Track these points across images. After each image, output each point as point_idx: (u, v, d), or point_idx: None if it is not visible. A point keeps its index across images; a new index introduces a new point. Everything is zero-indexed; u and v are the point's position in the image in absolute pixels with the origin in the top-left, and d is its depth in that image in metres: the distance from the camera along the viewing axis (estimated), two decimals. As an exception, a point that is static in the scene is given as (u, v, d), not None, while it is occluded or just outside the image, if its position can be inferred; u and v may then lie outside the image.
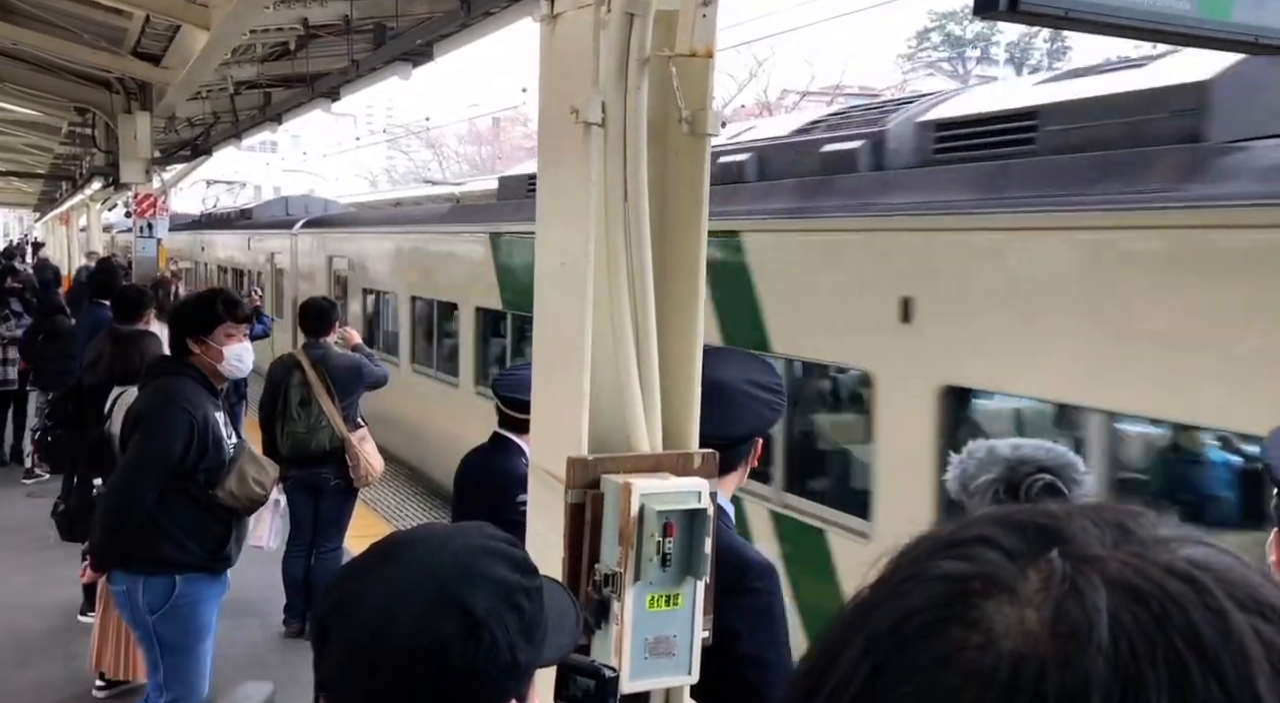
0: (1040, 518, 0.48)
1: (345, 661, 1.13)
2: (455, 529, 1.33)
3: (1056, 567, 0.45)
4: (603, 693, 1.60)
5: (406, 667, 1.11)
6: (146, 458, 3.78)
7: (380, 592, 1.15)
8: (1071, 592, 0.43)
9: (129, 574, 3.83)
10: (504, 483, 3.94)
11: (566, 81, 2.35)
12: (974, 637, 0.44)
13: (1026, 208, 4.10)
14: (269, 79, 11.43)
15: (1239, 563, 0.46)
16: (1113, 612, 0.42)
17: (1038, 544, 0.46)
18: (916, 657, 0.44)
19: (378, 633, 1.12)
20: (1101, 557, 0.45)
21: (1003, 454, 2.07)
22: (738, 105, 31.37)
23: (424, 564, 1.18)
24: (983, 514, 0.51)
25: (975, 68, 47.66)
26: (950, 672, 0.43)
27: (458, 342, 9.92)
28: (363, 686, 1.11)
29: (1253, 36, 2.73)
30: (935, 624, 0.45)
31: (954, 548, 0.48)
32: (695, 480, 2.18)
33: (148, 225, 12.86)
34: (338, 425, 6.07)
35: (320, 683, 1.15)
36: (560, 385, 2.33)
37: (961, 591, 0.45)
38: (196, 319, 3.96)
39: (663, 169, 2.35)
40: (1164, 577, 0.44)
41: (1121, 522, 0.48)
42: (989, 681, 0.42)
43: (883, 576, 0.50)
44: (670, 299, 2.34)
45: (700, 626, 2.16)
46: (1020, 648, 0.42)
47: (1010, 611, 0.44)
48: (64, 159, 21.32)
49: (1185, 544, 0.46)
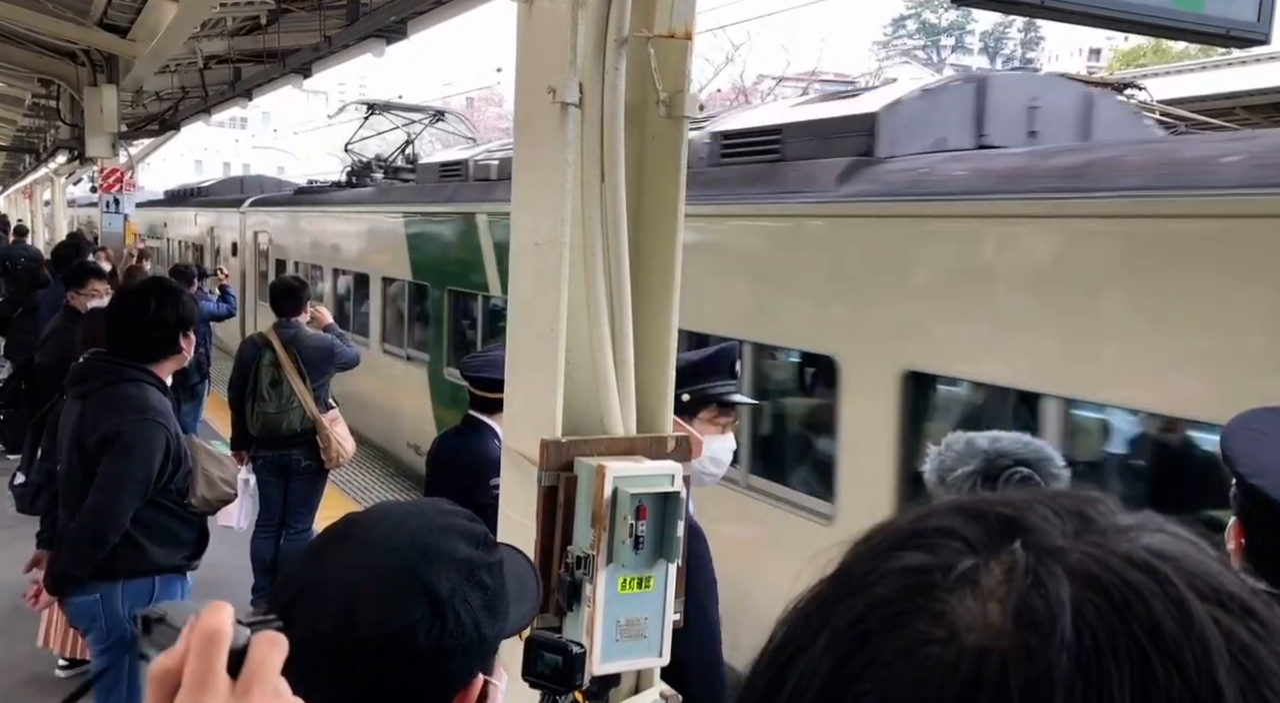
0: (1001, 508, 0.48)
1: (310, 648, 1.12)
2: (412, 508, 1.31)
3: (1019, 558, 0.45)
4: (570, 669, 1.60)
5: (374, 653, 1.10)
6: (127, 480, 3.56)
7: (343, 578, 1.13)
8: (1035, 585, 0.43)
9: (105, 581, 3.61)
10: (476, 466, 3.92)
11: (544, 61, 2.32)
12: (937, 631, 0.43)
13: (766, 201, 5.36)
14: (239, 54, 11.27)
15: (1198, 551, 0.46)
16: (1075, 604, 0.42)
17: (999, 535, 0.46)
18: (880, 650, 0.44)
19: (342, 622, 1.10)
20: (1063, 548, 0.45)
21: (981, 447, 2.09)
22: (713, 90, 31.35)
23: (384, 547, 1.16)
24: (942, 503, 0.50)
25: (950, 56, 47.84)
26: (914, 666, 0.43)
27: (368, 308, 10.98)
28: (329, 673, 1.09)
29: (1224, 29, 2.76)
30: (898, 617, 0.45)
31: (915, 539, 0.48)
32: (669, 464, 2.18)
33: (114, 201, 12.66)
34: (309, 406, 6.02)
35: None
36: (534, 367, 2.32)
37: (924, 583, 0.45)
38: (192, 312, 3.87)
39: (639, 151, 2.34)
40: (1125, 567, 0.44)
41: (1081, 510, 0.48)
42: (952, 675, 0.42)
43: (842, 567, 0.49)
44: (646, 282, 2.33)
45: (672, 608, 2.17)
46: (983, 642, 0.42)
47: (973, 604, 0.44)
48: (27, 132, 20.93)
49: (1145, 532, 0.47)
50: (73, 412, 3.75)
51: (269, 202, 15.70)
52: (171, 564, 3.74)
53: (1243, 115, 8.40)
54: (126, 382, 3.69)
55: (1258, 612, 0.44)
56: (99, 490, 3.58)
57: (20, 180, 27.17)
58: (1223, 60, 13.04)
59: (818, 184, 5.06)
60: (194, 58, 11.39)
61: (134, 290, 4.12)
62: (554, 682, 1.65)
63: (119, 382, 3.69)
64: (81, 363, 3.90)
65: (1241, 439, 1.86)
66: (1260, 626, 0.43)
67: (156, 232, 22.19)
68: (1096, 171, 3.86)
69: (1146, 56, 34.37)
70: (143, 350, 3.75)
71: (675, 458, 2.23)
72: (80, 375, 3.80)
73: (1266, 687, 0.42)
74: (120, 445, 3.57)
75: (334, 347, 6.34)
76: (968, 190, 4.26)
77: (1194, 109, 6.77)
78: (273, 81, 10.73)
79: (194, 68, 11.96)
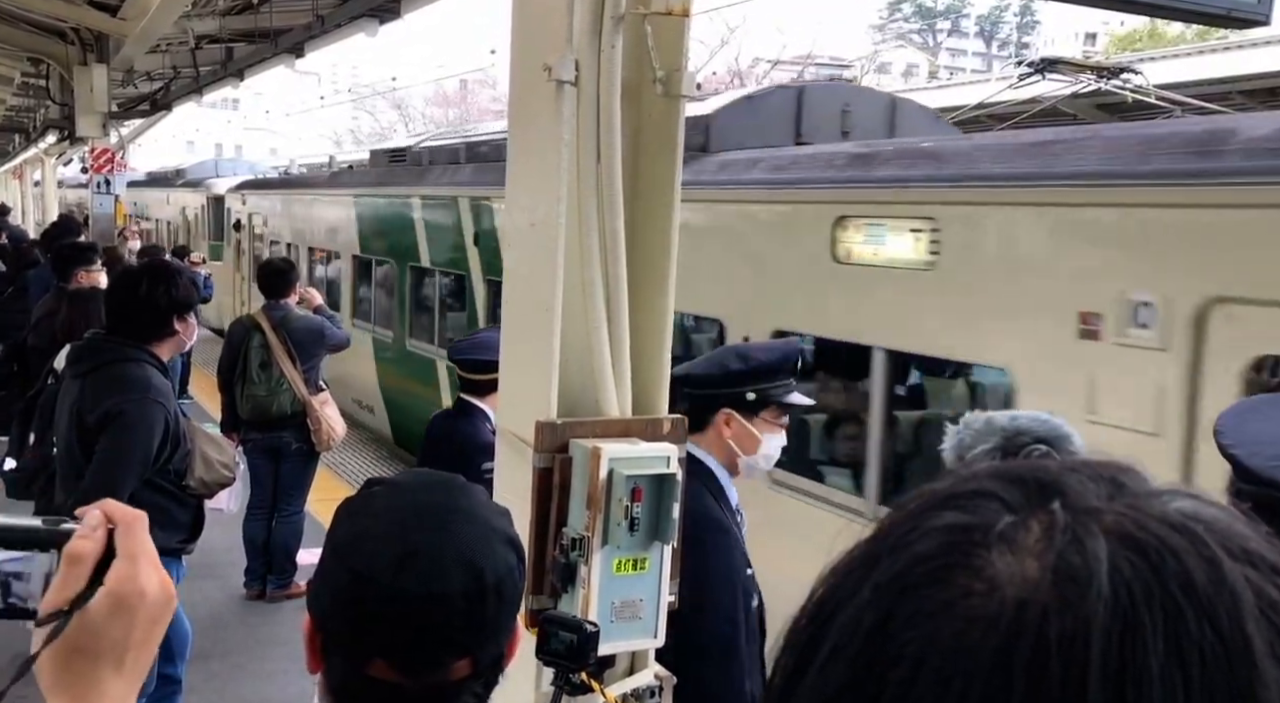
0: (1037, 473, 0.50)
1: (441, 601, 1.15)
2: (450, 477, 1.36)
3: (1058, 518, 0.47)
4: (584, 647, 1.61)
5: (496, 596, 1.17)
6: (126, 458, 3.54)
7: (458, 539, 1.19)
8: (1072, 542, 0.45)
9: None
10: (469, 450, 3.91)
11: (539, 38, 2.29)
12: (978, 584, 0.45)
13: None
14: (231, 33, 11.16)
15: (1228, 515, 0.48)
16: (1112, 560, 0.44)
17: (1037, 497, 0.48)
18: (922, 603, 0.46)
19: (470, 573, 1.16)
20: (1099, 508, 0.47)
21: (1000, 425, 2.12)
22: (709, 72, 31.15)
23: (470, 513, 1.23)
24: (979, 469, 0.52)
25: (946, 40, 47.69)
26: (955, 617, 0.45)
27: (339, 280, 11.96)
28: (461, 619, 1.15)
29: (1225, 9, 2.74)
30: (940, 571, 0.46)
31: (954, 501, 0.49)
32: (664, 446, 2.17)
33: (105, 181, 12.56)
34: (299, 389, 5.99)
35: (384, 637, 1.16)
36: (529, 348, 2.30)
37: (964, 540, 0.47)
38: (190, 296, 3.83)
39: (636, 130, 2.32)
40: (1159, 527, 0.45)
41: (1114, 477, 0.50)
42: (993, 625, 0.44)
43: (881, 528, 0.51)
44: (642, 262, 2.31)
45: (667, 589, 2.16)
46: (1023, 594, 0.44)
47: (1013, 560, 0.45)
48: (16, 111, 20.76)
49: (1177, 497, 0.48)
50: (72, 391, 3.73)
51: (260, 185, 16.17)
52: (167, 547, 3.73)
53: (1239, 100, 8.38)
54: (127, 361, 3.68)
55: None
56: (97, 468, 3.57)
57: (10, 160, 26.96)
58: (1219, 44, 13.02)
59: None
60: (185, 37, 11.28)
61: (129, 271, 4.10)
62: (568, 660, 1.65)
63: (119, 361, 3.68)
64: (81, 342, 3.88)
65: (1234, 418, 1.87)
66: None
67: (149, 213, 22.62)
68: (846, 162, 4.96)
69: (1142, 41, 34.33)
70: (134, 331, 3.73)
71: (671, 440, 2.22)
72: (80, 354, 3.79)
73: None
74: (120, 423, 3.56)
75: (324, 329, 6.30)
76: (751, 181, 5.41)
77: (1190, 93, 6.75)
78: (265, 62, 10.64)
79: (185, 47, 11.84)
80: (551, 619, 1.61)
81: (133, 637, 0.95)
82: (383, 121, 50.05)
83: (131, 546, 0.98)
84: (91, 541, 0.96)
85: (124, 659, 0.95)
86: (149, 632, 0.96)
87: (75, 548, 0.95)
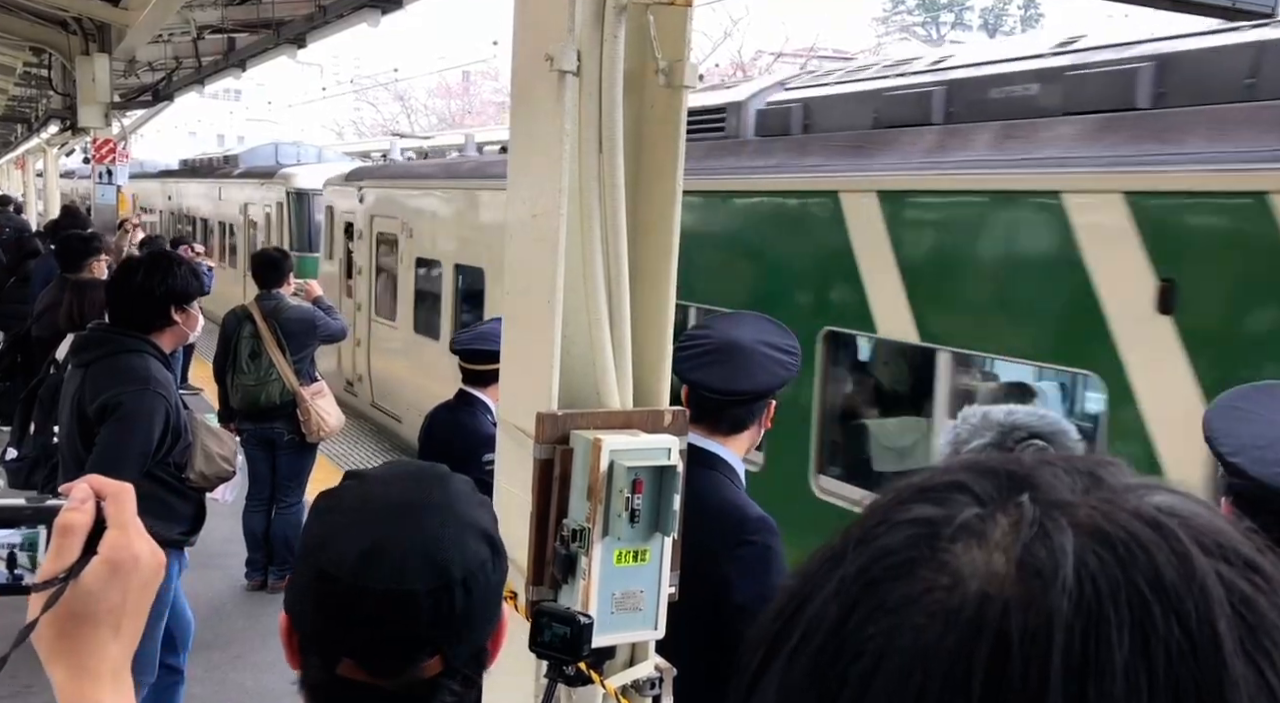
0: (1011, 465, 0.49)
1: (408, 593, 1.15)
2: (429, 469, 1.35)
3: (1026, 511, 0.46)
4: (578, 639, 1.60)
5: (464, 589, 1.16)
6: (126, 449, 3.53)
7: (425, 532, 1.18)
8: (1039, 535, 0.44)
9: None
10: (471, 442, 3.92)
11: (541, 28, 2.28)
12: (941, 578, 0.44)
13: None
14: (233, 23, 11.14)
15: (1208, 511, 0.47)
16: (1078, 554, 0.43)
17: (1009, 490, 0.47)
18: (885, 597, 0.45)
19: (435, 565, 1.15)
20: (1071, 502, 0.46)
21: (996, 420, 2.11)
22: (711, 64, 31.08)
23: (443, 506, 1.22)
24: (956, 461, 0.51)
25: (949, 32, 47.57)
26: (917, 612, 0.44)
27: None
28: (429, 612, 1.14)
29: (1231, 2, 2.73)
30: (904, 566, 0.46)
31: (925, 493, 0.49)
32: (665, 437, 2.17)
33: (107, 172, 12.55)
34: (288, 379, 5.98)
35: (336, 634, 1.16)
36: (530, 339, 2.30)
37: (930, 534, 0.46)
38: (189, 286, 3.83)
39: (638, 121, 2.31)
40: (1130, 521, 0.45)
41: (1093, 470, 0.49)
42: (954, 620, 0.43)
43: (855, 521, 0.50)
44: (643, 254, 2.31)
45: (668, 581, 2.16)
46: (986, 588, 0.43)
47: (978, 553, 0.45)
48: (19, 101, 20.72)
49: (1155, 492, 0.47)
50: (74, 381, 3.74)
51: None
52: (168, 539, 3.73)
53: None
54: (129, 352, 3.68)
55: (1263, 568, 0.45)
56: (96, 459, 3.56)
57: (12, 151, 26.94)
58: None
59: None
60: (187, 27, 11.26)
61: (128, 261, 4.11)
62: (561, 652, 1.65)
63: (120, 352, 3.68)
64: (84, 333, 3.89)
65: (1223, 418, 1.86)
66: (1264, 581, 0.44)
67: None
68: None
69: (1147, 35, 34.17)
70: (133, 321, 3.73)
71: (672, 432, 2.22)
72: (82, 345, 3.79)
73: (1266, 638, 0.42)
74: (120, 414, 3.56)
75: (316, 319, 6.27)
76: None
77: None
78: (267, 52, 10.62)
79: (187, 38, 11.81)
80: (544, 612, 1.60)
81: (128, 602, 0.98)
82: (385, 113, 49.96)
83: (121, 515, 1.01)
84: (81, 512, 0.99)
85: (121, 624, 0.98)
86: (142, 597, 1.00)
87: (66, 520, 0.98)
